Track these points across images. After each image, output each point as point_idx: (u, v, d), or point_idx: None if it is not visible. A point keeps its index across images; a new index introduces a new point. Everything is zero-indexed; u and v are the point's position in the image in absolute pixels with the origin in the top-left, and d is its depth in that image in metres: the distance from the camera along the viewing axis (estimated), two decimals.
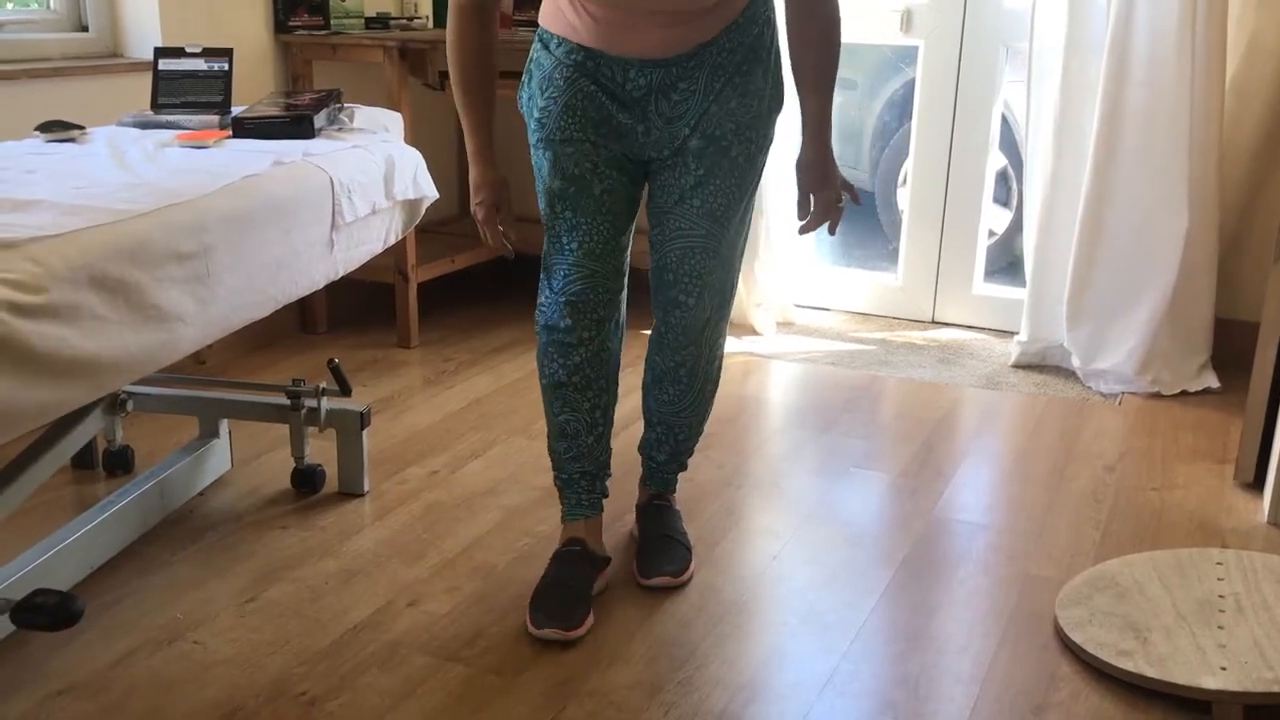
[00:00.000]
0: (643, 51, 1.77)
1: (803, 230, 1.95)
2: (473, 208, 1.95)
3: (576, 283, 1.89)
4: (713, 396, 2.10)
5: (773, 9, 1.87)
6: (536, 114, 1.87)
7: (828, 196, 1.93)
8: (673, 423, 2.08)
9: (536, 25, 1.89)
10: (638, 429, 2.76)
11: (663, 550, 2.08)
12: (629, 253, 1.95)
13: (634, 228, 1.95)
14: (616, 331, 1.98)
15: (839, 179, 1.94)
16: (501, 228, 1.95)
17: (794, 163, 1.93)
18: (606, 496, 2.06)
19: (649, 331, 3.31)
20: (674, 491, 2.21)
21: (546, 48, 1.84)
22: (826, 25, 1.83)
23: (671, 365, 2.01)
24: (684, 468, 2.19)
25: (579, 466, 2.01)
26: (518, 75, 3.07)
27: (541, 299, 1.95)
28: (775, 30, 1.88)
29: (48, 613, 1.61)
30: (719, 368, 2.08)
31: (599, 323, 1.92)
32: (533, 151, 1.91)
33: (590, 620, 1.92)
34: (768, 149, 1.91)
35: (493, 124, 1.93)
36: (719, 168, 1.85)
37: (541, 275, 1.94)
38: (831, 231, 1.97)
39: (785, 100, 1.96)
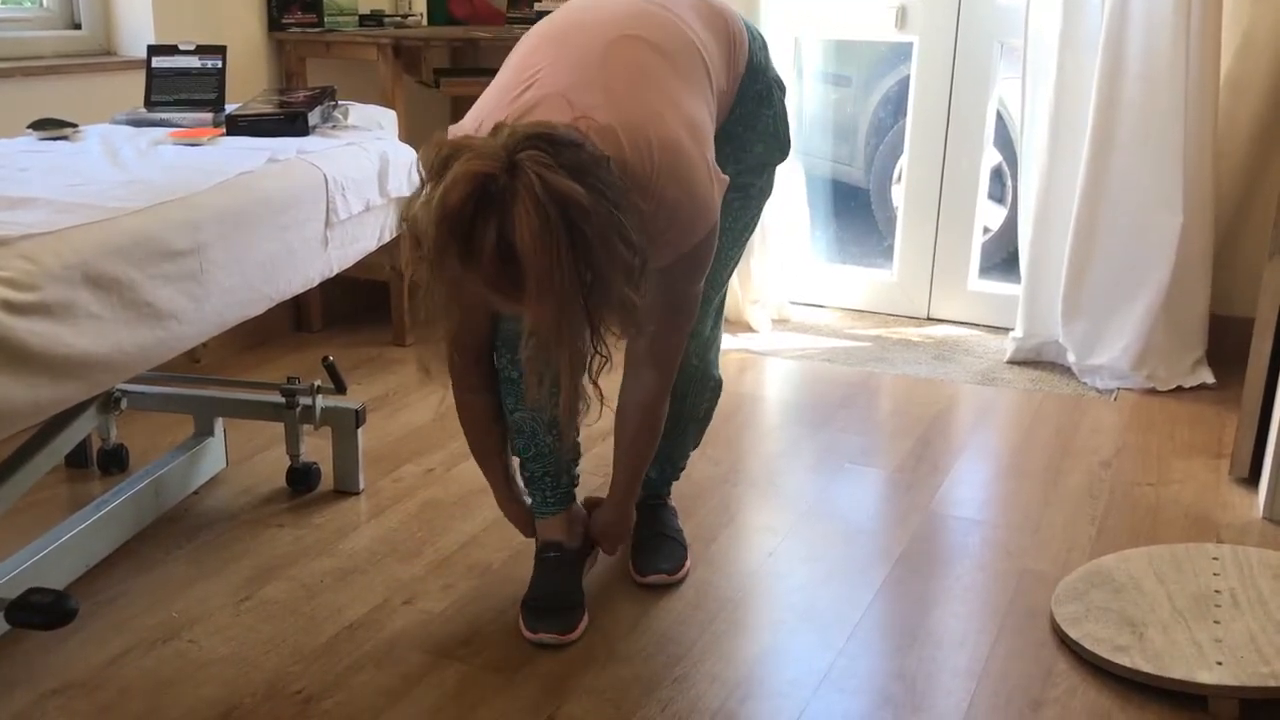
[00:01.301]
0: None
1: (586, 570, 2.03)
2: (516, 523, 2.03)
3: None
4: (698, 428, 2.09)
5: (774, 72, 1.85)
6: None
7: (611, 543, 2.02)
8: (662, 449, 2.03)
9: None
10: None
11: (659, 548, 2.08)
12: None
13: None
14: None
15: (627, 533, 2.03)
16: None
17: (592, 517, 2.02)
18: (577, 484, 1.99)
19: None
20: (670, 493, 2.20)
21: None
22: (648, 420, 1.82)
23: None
24: (677, 477, 2.17)
25: (540, 466, 1.93)
26: None
27: None
28: (783, 89, 1.86)
29: (42, 611, 1.60)
30: (706, 391, 2.03)
31: None
32: None
33: (585, 622, 1.92)
34: (761, 198, 1.89)
35: (509, 464, 1.98)
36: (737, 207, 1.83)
37: None
38: (609, 551, 2.06)
39: (790, 151, 1.93)
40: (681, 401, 1.97)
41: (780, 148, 1.88)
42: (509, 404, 1.91)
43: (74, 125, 2.25)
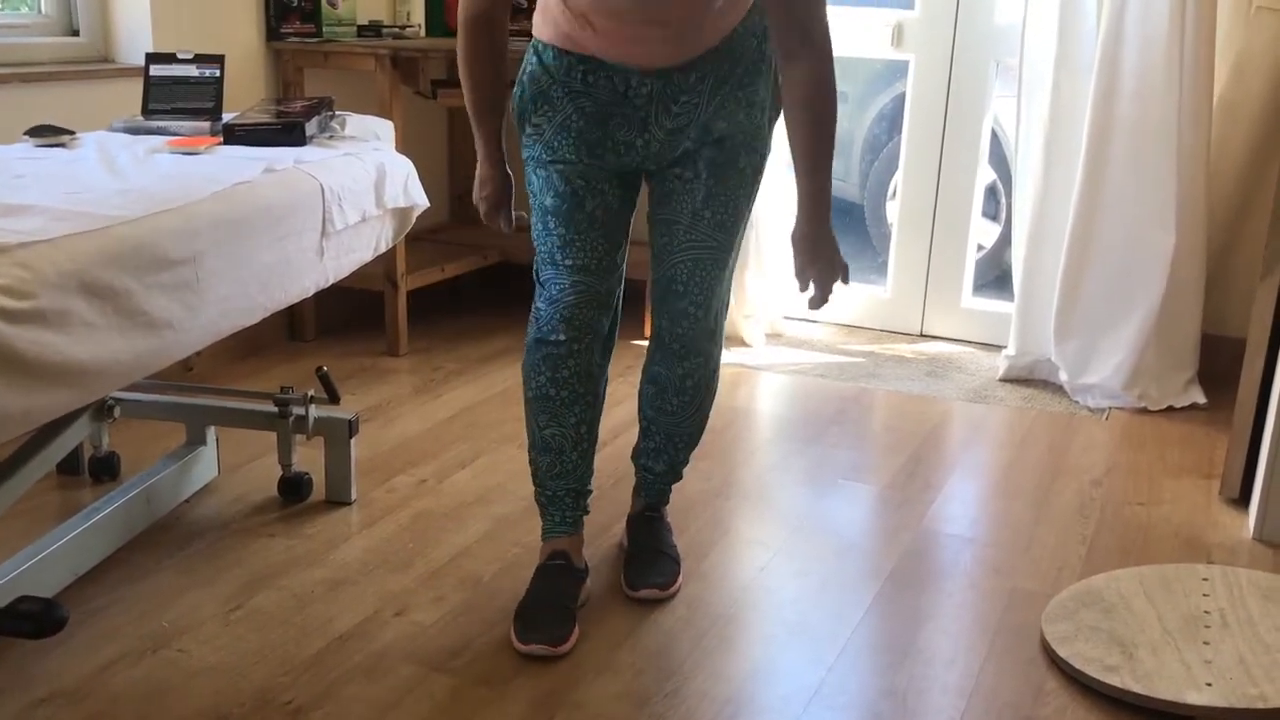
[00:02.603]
0: (643, 60, 1.76)
1: (813, 305, 1.85)
2: (475, 199, 1.97)
3: (571, 294, 1.88)
4: (712, 404, 2.10)
5: (765, 23, 1.87)
6: (529, 130, 1.86)
7: (822, 271, 1.82)
8: (673, 432, 2.07)
9: (528, 34, 1.89)
10: (628, 438, 2.76)
11: (652, 563, 2.08)
12: (624, 266, 1.95)
13: (629, 240, 1.95)
14: (606, 346, 1.97)
15: (837, 255, 1.83)
16: (502, 222, 1.98)
17: (789, 235, 1.88)
18: (588, 513, 2.05)
19: (640, 341, 3.30)
20: (667, 504, 2.21)
21: (541, 61, 1.83)
22: (822, 110, 1.72)
23: (678, 376, 2.00)
24: (679, 477, 2.18)
25: (564, 484, 1.99)
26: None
27: (537, 305, 1.94)
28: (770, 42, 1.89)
29: (32, 620, 1.60)
30: (718, 375, 2.08)
31: (594, 335, 1.91)
32: (524, 166, 1.90)
33: (576, 635, 1.92)
34: (768, 158, 1.91)
35: (502, 128, 1.94)
36: (729, 179, 1.85)
37: (536, 286, 1.94)
38: (817, 304, 1.85)
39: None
40: (697, 359, 1.98)
41: (776, 107, 1.91)
42: (541, 421, 1.95)
43: (71, 132, 2.25)
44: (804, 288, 1.87)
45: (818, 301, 1.85)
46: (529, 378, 1.95)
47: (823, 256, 1.82)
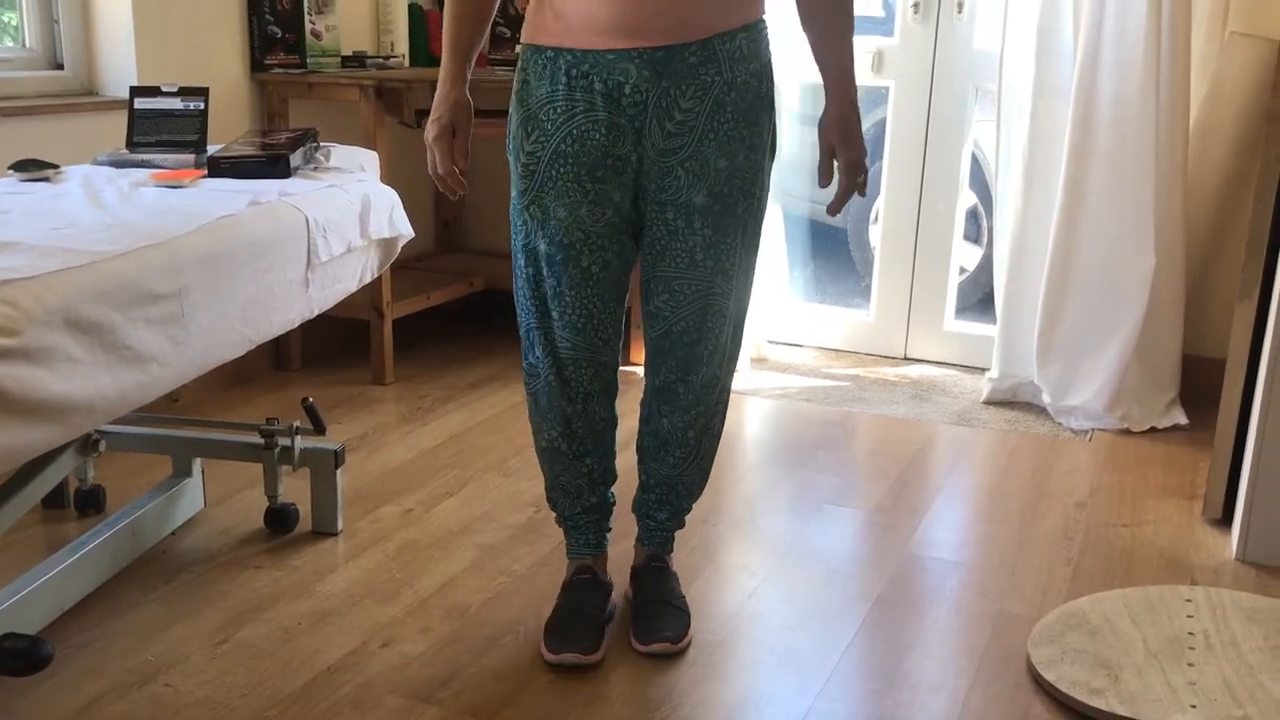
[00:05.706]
0: (640, 17, 1.69)
1: (834, 208, 1.86)
2: (428, 125, 1.89)
3: (566, 352, 1.88)
4: (716, 449, 2.04)
5: (770, 64, 1.85)
6: (523, 160, 1.81)
7: (853, 155, 1.84)
8: (675, 482, 2.02)
9: (512, 65, 1.87)
10: (625, 471, 2.76)
11: (660, 615, 2.00)
12: (622, 320, 1.92)
13: (628, 298, 1.92)
14: (612, 393, 1.96)
15: (862, 139, 1.86)
16: (456, 154, 1.89)
17: (817, 122, 1.87)
18: (610, 530, 2.09)
19: (630, 368, 3.29)
20: (671, 552, 2.12)
21: (528, 79, 1.79)
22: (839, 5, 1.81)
23: (680, 427, 1.95)
24: (683, 525, 2.11)
25: (586, 517, 2.03)
26: (493, 114, 3.09)
27: (530, 360, 1.92)
28: (774, 79, 1.87)
29: (17, 657, 1.59)
30: (723, 422, 2.03)
31: (598, 391, 1.92)
32: (514, 203, 1.85)
33: (605, 646, 1.95)
34: (767, 195, 1.89)
35: (473, 55, 1.89)
36: (727, 225, 1.81)
37: (524, 331, 1.91)
38: (861, 192, 1.88)
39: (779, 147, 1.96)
40: (703, 408, 1.96)
41: (774, 149, 1.90)
42: (555, 469, 1.99)
43: (55, 166, 2.25)
44: (827, 180, 1.88)
45: (844, 192, 1.86)
46: (538, 429, 1.97)
47: (854, 140, 1.85)
